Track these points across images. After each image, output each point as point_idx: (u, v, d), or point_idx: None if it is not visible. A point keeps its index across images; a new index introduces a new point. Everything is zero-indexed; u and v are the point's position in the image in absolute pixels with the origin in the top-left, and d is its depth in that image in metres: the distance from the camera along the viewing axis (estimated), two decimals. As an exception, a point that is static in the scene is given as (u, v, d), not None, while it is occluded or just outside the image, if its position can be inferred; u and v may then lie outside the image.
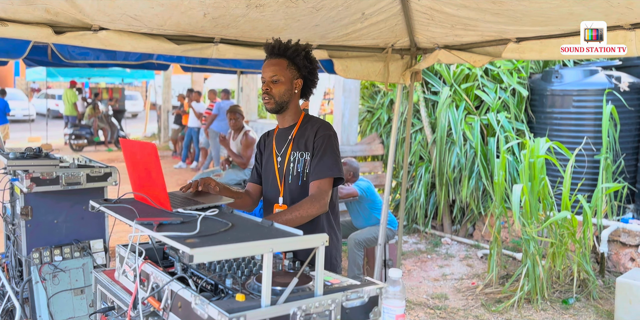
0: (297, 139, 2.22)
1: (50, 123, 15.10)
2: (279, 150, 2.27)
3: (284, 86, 2.17)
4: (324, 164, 2.12)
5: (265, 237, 1.38)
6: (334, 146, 2.17)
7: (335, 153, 2.16)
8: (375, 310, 1.48)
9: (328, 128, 2.20)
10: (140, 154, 1.70)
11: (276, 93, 2.17)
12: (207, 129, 9.75)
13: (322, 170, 2.12)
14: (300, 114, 2.28)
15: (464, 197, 5.93)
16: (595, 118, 5.36)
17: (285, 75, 2.16)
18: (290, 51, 2.16)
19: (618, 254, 4.85)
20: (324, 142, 2.15)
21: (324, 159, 2.13)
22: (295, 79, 2.19)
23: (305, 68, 2.20)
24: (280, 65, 2.16)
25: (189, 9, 2.62)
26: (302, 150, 2.19)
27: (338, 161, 2.16)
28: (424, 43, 3.66)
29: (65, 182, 2.88)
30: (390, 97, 6.84)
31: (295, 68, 2.18)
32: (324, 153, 2.14)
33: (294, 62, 2.17)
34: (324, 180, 2.12)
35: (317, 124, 2.22)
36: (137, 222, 1.48)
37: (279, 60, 2.17)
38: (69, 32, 2.76)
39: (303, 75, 2.21)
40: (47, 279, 2.90)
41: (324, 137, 2.16)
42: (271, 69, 2.16)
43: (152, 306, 1.50)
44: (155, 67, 5.76)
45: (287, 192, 2.22)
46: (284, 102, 2.19)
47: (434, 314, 4.12)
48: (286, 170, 2.22)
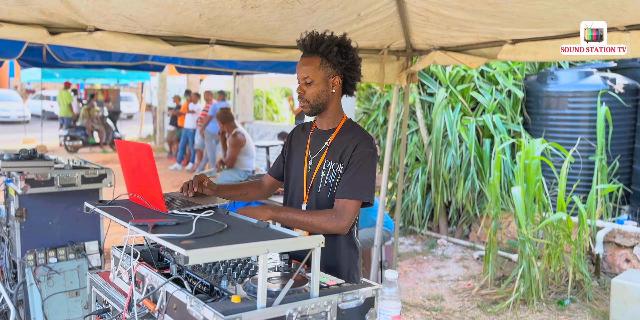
0: (333, 146, 2.01)
1: (45, 124, 15.03)
2: (312, 154, 2.06)
3: (319, 87, 1.96)
4: (357, 184, 1.91)
5: (260, 239, 1.37)
6: (371, 166, 1.95)
7: (370, 174, 1.94)
8: (371, 312, 1.48)
9: (370, 144, 1.97)
10: (135, 155, 1.69)
11: (310, 95, 1.97)
12: (202, 130, 9.75)
13: (353, 189, 1.90)
14: (342, 118, 2.06)
15: (459, 198, 5.94)
16: (591, 119, 5.38)
17: (318, 75, 1.95)
18: (323, 47, 1.93)
19: (613, 255, 4.86)
20: (362, 159, 1.93)
21: (358, 178, 1.91)
22: (330, 77, 1.97)
23: (340, 65, 1.97)
24: (313, 65, 1.95)
25: (185, 9, 2.61)
26: (337, 161, 1.98)
27: (372, 184, 1.93)
28: (420, 44, 3.67)
29: (60, 184, 2.87)
30: (386, 99, 6.85)
31: (330, 65, 1.96)
32: (358, 171, 1.92)
33: (328, 59, 1.95)
34: (351, 201, 1.90)
35: (360, 135, 1.98)
36: (132, 223, 1.48)
37: (312, 58, 1.96)
38: (63, 33, 2.75)
39: (340, 72, 1.99)
40: (41, 281, 2.89)
41: (363, 153, 1.94)
42: (303, 70, 1.96)
43: (148, 308, 1.49)
44: (151, 68, 5.77)
45: (314, 201, 2.02)
46: (320, 104, 1.99)
47: (430, 315, 4.12)
48: (315, 178, 2.02)
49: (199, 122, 10.23)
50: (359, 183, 1.91)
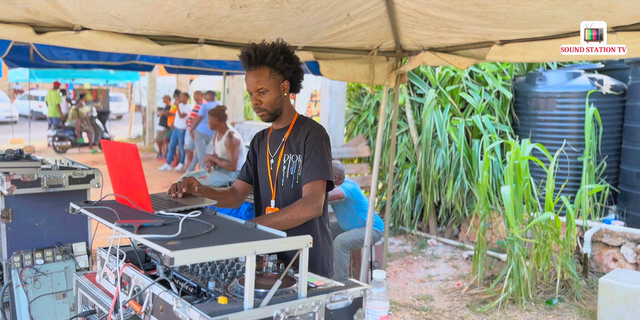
0: (290, 141, 2.17)
1: (33, 125, 14.90)
2: (272, 152, 2.22)
3: (273, 95, 2.10)
4: (316, 166, 2.07)
5: (248, 239, 1.36)
6: (325, 149, 2.12)
7: (326, 156, 2.11)
8: (359, 312, 1.48)
9: (319, 130, 2.15)
10: (121, 155, 1.68)
11: (267, 104, 2.11)
12: (192, 130, 9.70)
13: (314, 172, 2.07)
14: (294, 115, 2.23)
15: (449, 198, 5.96)
16: (579, 120, 5.42)
17: (270, 83, 2.08)
18: (269, 58, 2.05)
19: (601, 255, 4.90)
20: (315, 144, 2.10)
21: (316, 161, 2.08)
22: (281, 82, 2.12)
23: (288, 70, 2.11)
24: (263, 75, 2.07)
25: (173, 8, 2.60)
26: (295, 152, 2.14)
27: (329, 164, 2.11)
28: (409, 45, 3.68)
29: (47, 184, 2.83)
30: (376, 99, 6.86)
31: (278, 72, 2.09)
32: (315, 155, 2.09)
33: (275, 68, 2.08)
34: (316, 182, 2.07)
35: (309, 126, 2.16)
36: (118, 224, 1.46)
37: (260, 70, 2.08)
38: (50, 32, 2.72)
39: (288, 76, 2.14)
40: (28, 282, 2.85)
41: (315, 139, 2.11)
42: (255, 81, 2.08)
43: (134, 310, 1.48)
44: (140, 68, 5.73)
45: (280, 194, 2.18)
46: (277, 109, 2.14)
47: (419, 315, 4.12)
48: (279, 172, 2.17)
49: (189, 123, 10.18)
50: (319, 165, 2.08)
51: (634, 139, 5.16)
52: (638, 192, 5.05)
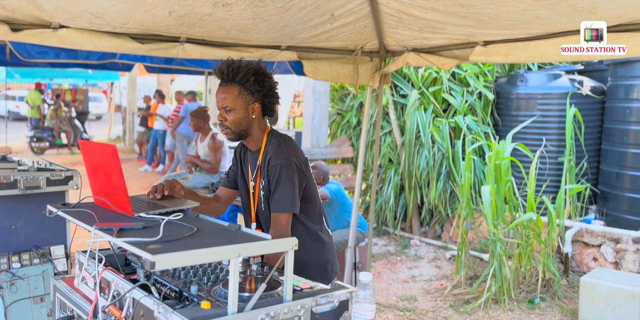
0: (263, 165, 2.09)
1: (10, 125, 14.60)
2: (252, 175, 2.16)
3: (239, 115, 2.02)
4: (278, 199, 2.00)
5: (231, 242, 1.33)
6: (284, 177, 2.00)
7: (287, 184, 1.99)
8: (345, 315, 1.46)
9: (280, 156, 2.02)
10: (100, 156, 1.63)
11: (231, 123, 2.03)
12: (173, 131, 9.59)
13: (275, 204, 2.01)
14: (264, 138, 2.13)
15: (432, 199, 5.98)
16: (559, 121, 5.48)
17: (237, 103, 2.01)
18: (240, 77, 1.99)
19: (581, 254, 4.96)
20: (275, 173, 2.01)
21: (277, 193, 2.01)
22: (250, 104, 2.03)
23: (258, 92, 2.04)
24: (232, 93, 2.00)
25: (153, 6, 2.55)
26: (266, 179, 2.07)
27: (291, 194, 2.00)
28: (393, 46, 3.67)
29: (23, 186, 2.76)
30: (359, 100, 6.86)
31: (248, 93, 2.02)
32: (277, 186, 2.01)
33: (245, 88, 2.01)
34: (279, 215, 2.01)
35: (272, 151, 2.05)
36: (96, 227, 1.42)
37: (230, 87, 2.01)
38: (26, 30, 2.65)
39: (259, 99, 2.06)
40: (4, 287, 2.78)
41: (275, 167, 2.01)
42: (222, 98, 2.01)
43: (114, 315, 1.44)
44: (120, 67, 5.64)
45: (262, 217, 2.16)
46: (242, 130, 2.06)
47: (403, 316, 4.12)
48: (258, 197, 2.13)
49: (170, 123, 10.07)
50: (279, 197, 2.00)
51: (613, 140, 5.23)
52: (617, 192, 5.12)
